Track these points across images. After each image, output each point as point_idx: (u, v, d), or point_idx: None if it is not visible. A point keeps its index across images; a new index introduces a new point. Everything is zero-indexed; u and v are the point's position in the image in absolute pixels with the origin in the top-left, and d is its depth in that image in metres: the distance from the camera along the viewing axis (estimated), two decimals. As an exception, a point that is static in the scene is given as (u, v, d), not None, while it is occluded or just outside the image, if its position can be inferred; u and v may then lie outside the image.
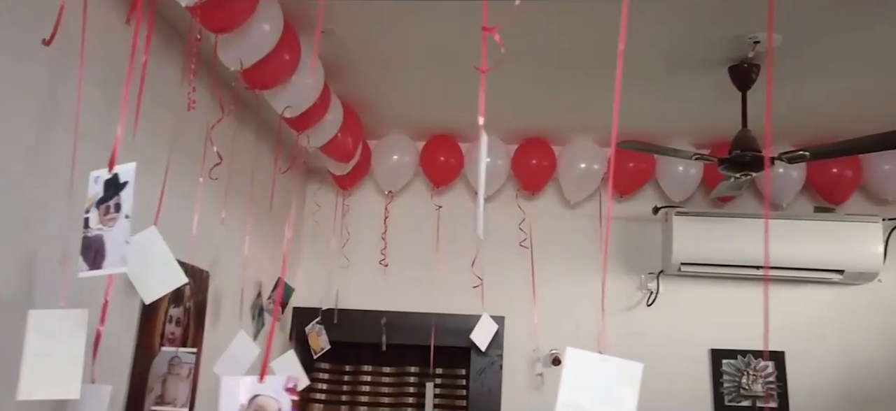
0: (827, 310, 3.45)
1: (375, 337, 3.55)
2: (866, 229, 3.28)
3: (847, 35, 2.33)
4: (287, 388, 1.38)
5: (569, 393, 1.08)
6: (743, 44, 2.41)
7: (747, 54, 2.43)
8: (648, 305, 3.55)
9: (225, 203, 2.65)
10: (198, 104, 2.22)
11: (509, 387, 3.50)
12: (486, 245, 3.62)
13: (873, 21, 2.24)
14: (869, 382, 3.34)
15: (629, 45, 2.51)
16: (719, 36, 2.39)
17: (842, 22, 2.25)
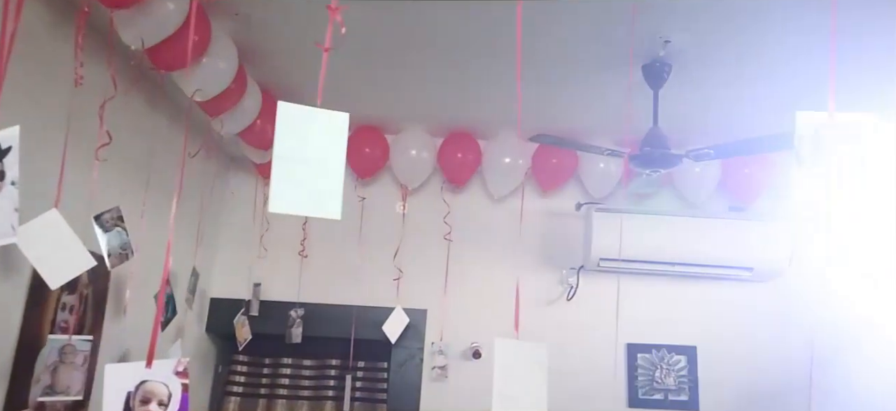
0: (737, 307, 3.57)
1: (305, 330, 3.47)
2: (774, 229, 3.40)
3: (752, 38, 2.41)
4: (177, 372, 1.33)
5: (502, 381, 1.10)
6: (655, 43, 2.46)
7: (659, 53, 2.48)
8: (568, 300, 3.60)
9: (130, 189, 2.55)
10: (98, 83, 2.12)
11: (429, 381, 3.49)
12: (410, 238, 3.61)
13: (776, 25, 2.32)
14: (773, 376, 3.47)
15: (548, 44, 2.54)
16: (629, 35, 2.44)
17: (747, 25, 2.33)
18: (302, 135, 1.30)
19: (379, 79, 2.98)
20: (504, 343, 1.09)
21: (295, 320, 3.36)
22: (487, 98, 3.11)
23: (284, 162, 1.29)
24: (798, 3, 2.19)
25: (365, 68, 2.88)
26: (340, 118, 1.27)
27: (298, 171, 1.30)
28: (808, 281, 3.51)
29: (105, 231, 2.04)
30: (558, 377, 3.42)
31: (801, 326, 3.50)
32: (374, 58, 2.77)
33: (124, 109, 2.26)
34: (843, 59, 2.48)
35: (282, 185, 1.29)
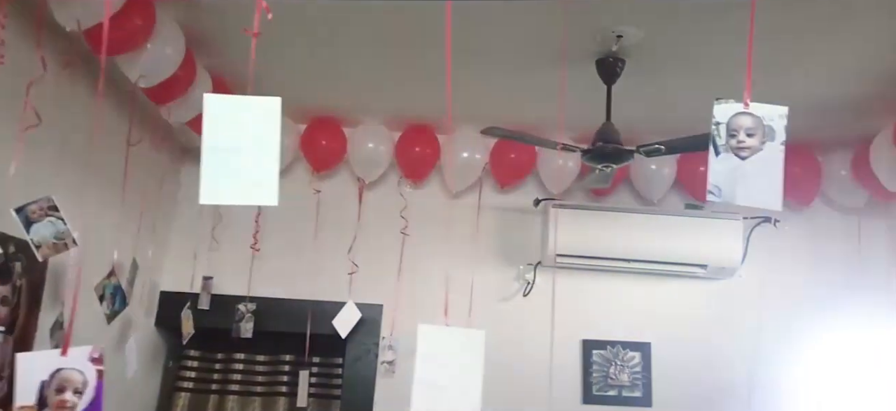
0: (691, 304, 3.59)
1: (255, 323, 3.40)
2: (728, 226, 3.43)
3: (703, 33, 2.42)
4: (93, 359, 1.30)
5: (425, 370, 1.07)
6: (608, 37, 2.46)
7: (611, 48, 2.49)
8: (524, 296, 3.59)
9: (71, 178, 2.47)
10: (28, 64, 2.04)
11: (383, 375, 3.45)
12: (367, 232, 3.57)
13: (726, 21, 2.33)
14: (725, 373, 3.51)
15: (503, 37, 2.53)
16: (585, 29, 2.44)
17: (698, 20, 2.34)
18: (233, 125, 1.28)
19: (337, 71, 2.94)
20: (429, 329, 1.07)
21: (245, 314, 3.29)
22: (445, 91, 3.08)
23: (215, 153, 1.28)
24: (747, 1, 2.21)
25: (322, 60, 2.84)
26: (272, 103, 1.25)
27: (231, 161, 1.28)
28: (760, 278, 3.57)
29: (32, 221, 1.97)
30: (514, 373, 3.50)
31: (753, 324, 3.54)
32: (331, 49, 2.73)
33: (65, 95, 2.18)
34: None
35: (213, 176, 1.28)
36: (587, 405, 3.47)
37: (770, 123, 1.28)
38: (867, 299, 3.46)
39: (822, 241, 3.64)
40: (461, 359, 1.07)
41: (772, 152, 1.27)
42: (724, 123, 1.29)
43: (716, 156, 1.27)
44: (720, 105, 1.30)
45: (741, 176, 1.25)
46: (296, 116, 3.49)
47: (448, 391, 1.05)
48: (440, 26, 2.48)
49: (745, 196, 1.25)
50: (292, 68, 2.95)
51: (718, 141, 1.28)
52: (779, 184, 1.26)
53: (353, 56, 2.79)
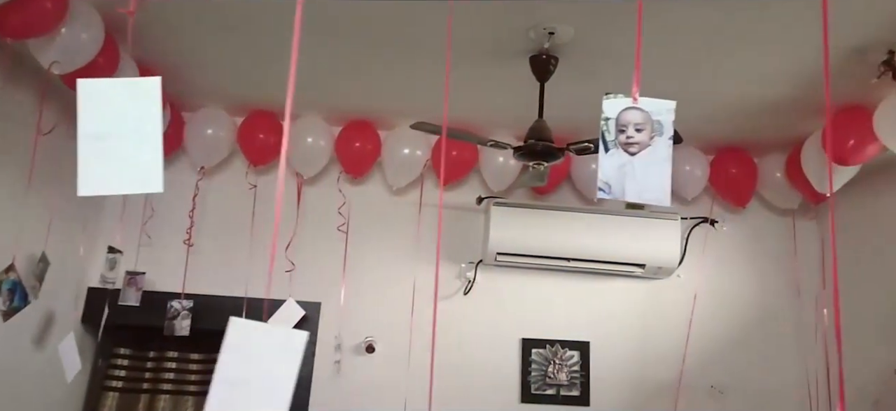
0: (629, 303, 3.61)
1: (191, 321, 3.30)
2: (666, 226, 3.46)
3: (634, 32, 2.42)
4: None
5: (229, 366, 1.01)
6: (540, 34, 2.44)
7: (544, 45, 2.47)
8: (465, 294, 3.57)
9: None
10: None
11: (321, 375, 3.39)
12: (305, 229, 3.50)
13: (654, 20, 2.34)
14: (662, 372, 3.53)
15: (439, 33, 2.50)
16: (517, 26, 2.42)
17: (628, 19, 2.34)
18: (109, 110, 1.21)
19: (275, 63, 2.87)
20: (242, 324, 1.01)
21: (178, 312, 3.20)
22: (387, 86, 3.05)
23: (92, 140, 1.21)
24: (668, 2, 2.22)
25: (260, 51, 2.77)
26: (150, 84, 1.18)
27: (110, 148, 1.21)
28: (698, 277, 3.61)
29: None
30: (453, 371, 3.47)
31: (689, 323, 3.57)
32: (268, 40, 2.66)
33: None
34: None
35: (91, 165, 1.21)
36: (525, 404, 3.46)
37: (659, 118, 1.27)
38: (800, 299, 3.52)
39: (758, 241, 3.69)
40: (275, 361, 1.00)
41: (660, 147, 1.26)
42: (614, 119, 1.27)
43: (605, 152, 1.25)
44: (609, 100, 1.28)
45: (631, 171, 1.24)
46: (233, 109, 3.41)
47: (253, 393, 0.98)
48: (380, 20, 2.47)
49: (634, 192, 1.23)
50: (229, 60, 2.87)
51: (608, 137, 1.26)
52: (667, 179, 1.25)
53: (290, 47, 2.72)
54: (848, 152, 2.80)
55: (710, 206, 3.69)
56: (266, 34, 2.61)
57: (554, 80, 2.62)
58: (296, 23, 1.10)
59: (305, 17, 2.46)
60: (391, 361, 3.41)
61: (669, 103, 1.27)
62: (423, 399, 3.41)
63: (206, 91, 3.25)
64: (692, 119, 3.20)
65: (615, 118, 1.27)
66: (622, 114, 1.27)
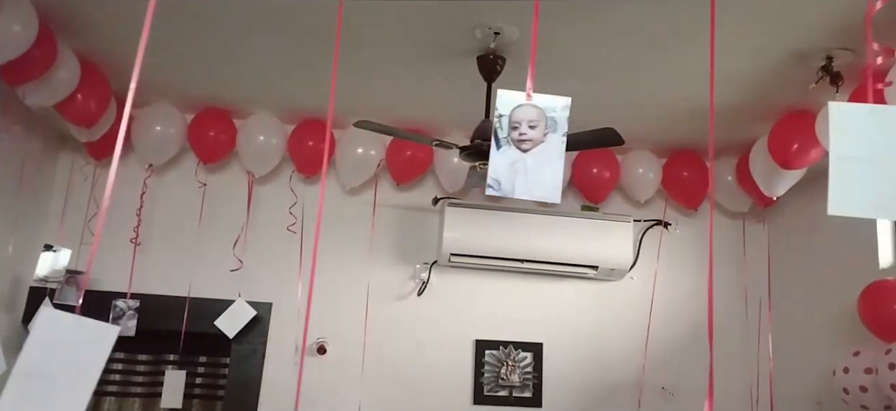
0: (582, 304, 3.62)
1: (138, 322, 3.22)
2: (619, 228, 3.48)
3: (578, 34, 2.43)
4: None
5: (33, 359, 0.96)
6: (486, 34, 2.43)
7: (490, 45, 2.46)
8: (418, 295, 3.54)
9: None
10: None
11: (271, 376, 3.35)
12: (256, 228, 3.46)
13: (597, 23, 2.34)
14: (614, 373, 3.55)
15: (385, 31, 2.48)
16: (463, 25, 2.41)
17: (572, 21, 2.34)
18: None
19: (227, 59, 2.83)
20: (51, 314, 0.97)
21: (123, 312, 3.13)
22: (340, 85, 3.01)
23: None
24: (614, 3, 2.23)
25: (211, 47, 2.73)
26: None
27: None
28: (651, 279, 3.63)
29: None
30: (407, 373, 3.45)
31: (643, 324, 3.60)
32: (221, 37, 2.62)
33: None
34: (665, 62, 2.54)
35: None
36: (477, 405, 3.45)
37: (553, 115, 1.26)
38: (748, 301, 3.57)
39: (707, 244, 3.72)
40: (84, 355, 0.97)
41: (553, 144, 1.25)
42: (507, 116, 1.26)
43: (497, 149, 1.24)
44: (502, 97, 1.27)
45: (522, 168, 1.23)
46: (183, 106, 3.35)
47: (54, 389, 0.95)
48: (331, 17, 2.43)
49: (524, 189, 1.23)
50: (180, 55, 2.82)
51: (500, 134, 1.25)
52: (559, 176, 1.24)
53: (244, 44, 2.68)
54: (792, 156, 2.84)
55: (663, 209, 3.71)
56: (219, 31, 2.57)
57: (502, 81, 2.61)
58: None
59: (257, 14, 2.43)
60: (342, 362, 3.38)
61: (564, 100, 1.27)
62: (374, 400, 3.38)
63: (156, 87, 3.18)
64: (644, 121, 3.22)
65: (508, 115, 1.25)
66: (516, 111, 1.26)
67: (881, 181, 0.95)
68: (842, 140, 0.96)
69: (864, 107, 0.99)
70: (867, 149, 0.95)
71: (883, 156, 0.94)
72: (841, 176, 0.96)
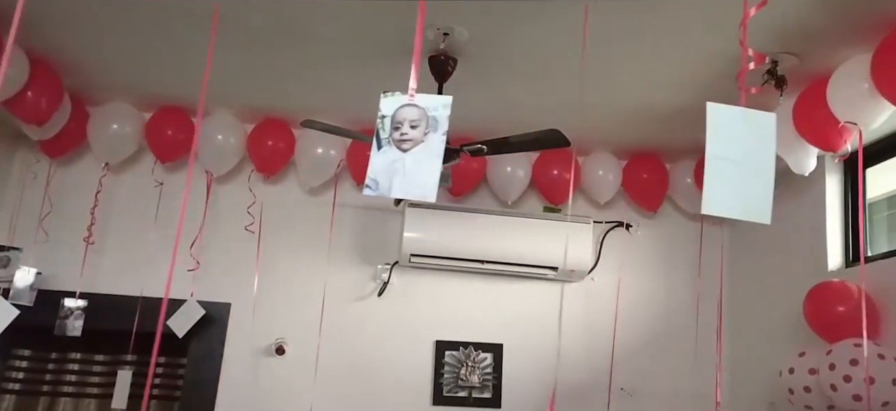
0: (542, 305, 3.62)
1: (92, 321, 3.18)
2: (578, 230, 3.49)
3: (528, 36, 2.43)
4: None
5: None
6: (436, 35, 2.43)
7: (440, 45, 2.46)
8: (379, 296, 3.54)
9: None
10: None
11: (229, 376, 3.33)
12: (214, 228, 3.43)
13: (544, 24, 2.35)
14: (574, 374, 3.56)
15: (335, 30, 2.47)
16: (413, 25, 2.40)
17: (521, 22, 2.34)
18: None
19: (185, 57, 2.81)
20: None
21: (72, 311, 3.09)
22: (300, 84, 3.01)
23: None
24: (563, 6, 2.23)
25: (168, 45, 2.71)
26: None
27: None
28: (612, 280, 3.65)
29: None
30: (366, 373, 3.44)
31: (603, 325, 3.61)
32: (176, 34, 2.60)
33: None
34: (615, 64, 2.55)
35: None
36: (436, 406, 3.45)
37: (434, 114, 1.27)
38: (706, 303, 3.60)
39: (670, 246, 3.75)
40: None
41: (433, 143, 1.25)
42: (390, 116, 1.26)
43: (378, 149, 1.24)
44: (386, 98, 1.27)
45: (401, 168, 1.23)
46: (140, 104, 3.33)
47: None
48: (290, 17, 2.43)
49: (402, 188, 1.23)
50: (137, 53, 2.80)
51: (382, 134, 1.25)
52: (436, 174, 1.25)
53: (194, 43, 2.66)
54: (744, 159, 2.86)
55: (624, 211, 3.73)
56: (174, 28, 2.55)
57: (454, 82, 2.61)
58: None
59: (203, 14, 2.42)
60: (301, 363, 3.36)
61: (446, 99, 1.27)
62: (333, 401, 3.37)
63: (113, 85, 3.16)
64: (603, 123, 3.23)
65: (391, 115, 1.26)
66: (398, 112, 1.27)
67: (749, 183, 0.96)
68: (717, 141, 0.98)
69: (738, 111, 1.00)
70: (738, 151, 0.96)
71: (751, 159, 0.95)
72: (715, 175, 0.98)
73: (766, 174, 0.97)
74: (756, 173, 0.94)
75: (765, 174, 0.95)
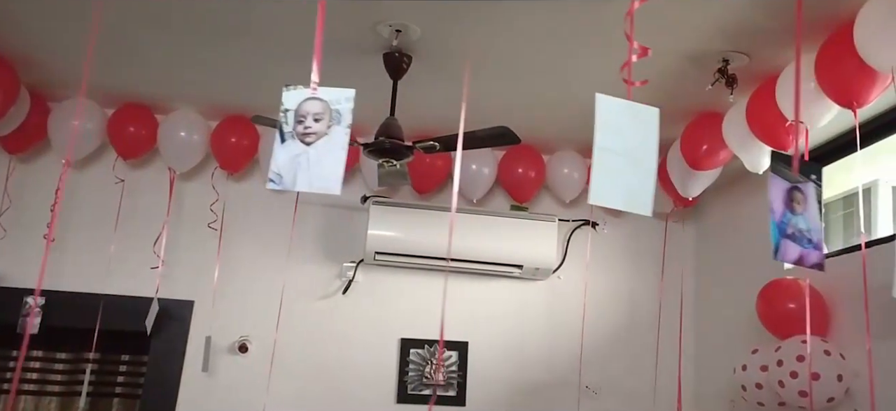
0: (508, 304, 3.63)
1: (55, 319, 3.16)
2: (543, 228, 3.49)
3: (482, 34, 2.44)
4: None
5: None
6: (389, 32, 2.43)
7: (393, 42, 2.46)
8: (344, 293, 3.53)
9: None
10: None
11: (191, 374, 3.31)
12: (178, 225, 3.42)
13: (497, 22, 2.35)
14: (537, 372, 3.57)
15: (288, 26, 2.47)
16: (366, 23, 2.40)
17: (473, 20, 2.34)
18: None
19: (149, 54, 2.79)
20: None
21: (31, 308, 3.07)
22: (245, 80, 2.99)
23: None
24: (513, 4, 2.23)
25: (131, 41, 2.69)
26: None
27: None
28: (579, 278, 3.65)
29: None
30: (331, 371, 3.43)
31: (569, 324, 3.62)
32: (142, 31, 2.59)
33: None
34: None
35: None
36: (401, 404, 3.45)
37: (337, 107, 1.27)
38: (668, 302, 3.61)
39: (636, 244, 3.76)
40: None
41: (337, 136, 1.26)
42: (293, 110, 1.26)
43: (281, 143, 1.24)
44: (289, 92, 1.27)
45: (304, 162, 1.23)
46: (104, 100, 3.31)
47: None
48: (249, 14, 2.42)
49: (305, 182, 1.23)
50: (98, 50, 2.78)
51: (285, 128, 1.25)
52: (340, 168, 1.25)
53: (164, 38, 2.65)
54: (701, 157, 2.88)
55: (590, 208, 3.74)
56: (140, 27, 2.54)
57: (410, 80, 2.61)
58: None
59: (178, 9, 2.41)
60: (265, 361, 3.35)
61: (349, 92, 1.27)
62: (297, 398, 3.37)
63: (74, 81, 3.14)
64: (566, 121, 3.24)
65: (294, 109, 1.26)
66: (302, 105, 1.27)
67: (633, 175, 0.96)
68: (605, 133, 0.98)
69: (624, 103, 1.01)
70: (624, 144, 0.97)
71: (636, 152, 0.96)
72: (602, 167, 0.98)
73: (649, 168, 0.97)
74: (640, 166, 0.95)
75: (648, 168, 0.96)
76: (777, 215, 1.29)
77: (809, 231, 1.33)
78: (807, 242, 1.33)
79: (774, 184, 1.33)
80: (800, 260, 1.34)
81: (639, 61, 2.54)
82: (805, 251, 1.33)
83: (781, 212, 1.32)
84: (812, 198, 1.36)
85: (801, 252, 1.33)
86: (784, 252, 1.34)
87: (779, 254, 1.33)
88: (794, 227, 1.34)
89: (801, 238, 1.33)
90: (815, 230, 1.35)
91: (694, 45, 2.40)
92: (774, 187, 1.32)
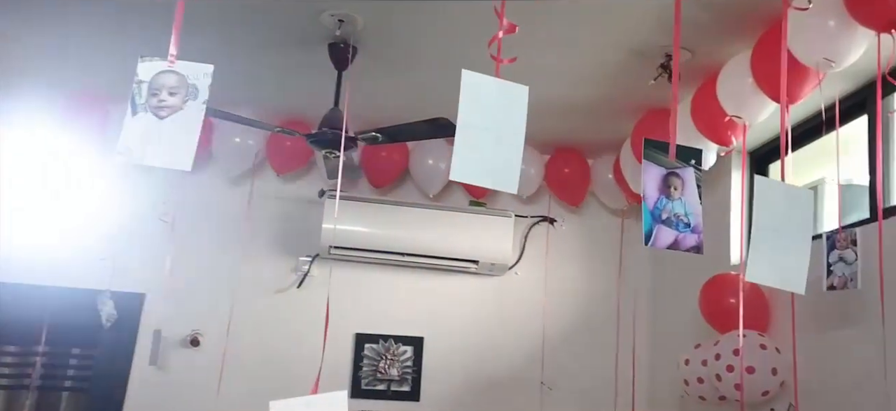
0: (464, 299, 3.63)
1: (3, 311, 3.11)
2: (499, 223, 3.49)
3: (427, 27, 2.43)
4: None
5: None
6: (332, 22, 2.41)
7: (336, 32, 2.44)
8: (298, 287, 3.51)
9: None
10: None
11: (140, 367, 3.28)
12: (129, 217, 3.37)
13: (442, 16, 2.34)
14: (492, 367, 3.57)
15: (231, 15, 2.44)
16: (308, 12, 2.38)
17: (416, 12, 2.33)
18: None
19: (100, 45, 2.75)
20: None
21: (-25, 300, 3.03)
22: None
23: None
24: None
25: (80, 33, 2.65)
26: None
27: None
28: (536, 274, 3.66)
29: None
30: (284, 365, 3.40)
31: (525, 319, 3.62)
32: (97, 22, 2.56)
33: None
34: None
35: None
36: (355, 399, 3.43)
37: (195, 82, 1.25)
38: (623, 299, 3.61)
39: (593, 241, 3.77)
40: None
41: (192, 111, 1.24)
42: (147, 82, 1.24)
43: (133, 115, 1.22)
44: (144, 63, 1.25)
45: (156, 136, 1.21)
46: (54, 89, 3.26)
47: None
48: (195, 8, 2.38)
49: (156, 156, 1.21)
50: (51, 40, 2.75)
51: (138, 100, 1.23)
52: (193, 143, 1.23)
53: (125, 33, 2.62)
54: (652, 153, 2.88)
55: (548, 205, 3.74)
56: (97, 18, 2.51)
57: (357, 70, 2.59)
58: None
59: None
60: (217, 355, 3.32)
61: (207, 67, 1.26)
62: (249, 392, 3.33)
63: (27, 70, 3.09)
64: (522, 117, 3.23)
65: (149, 82, 1.24)
66: (156, 78, 1.25)
67: (497, 151, 0.96)
68: (469, 109, 0.97)
69: (493, 81, 1.00)
70: (489, 120, 0.96)
71: (501, 129, 0.95)
72: (465, 143, 0.97)
73: (516, 145, 0.97)
74: (506, 143, 0.94)
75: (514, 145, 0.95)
76: (650, 201, 1.30)
77: (687, 215, 1.33)
78: (683, 226, 1.33)
79: (648, 170, 1.34)
80: (675, 244, 1.34)
81: (583, 52, 2.56)
82: (681, 235, 1.33)
83: (655, 198, 1.32)
84: (690, 182, 1.36)
85: (676, 236, 1.33)
86: (657, 237, 1.33)
87: (651, 240, 1.33)
88: (669, 212, 1.34)
89: (676, 222, 1.33)
90: (694, 214, 1.35)
91: (636, 38, 2.41)
92: (648, 173, 1.33)
